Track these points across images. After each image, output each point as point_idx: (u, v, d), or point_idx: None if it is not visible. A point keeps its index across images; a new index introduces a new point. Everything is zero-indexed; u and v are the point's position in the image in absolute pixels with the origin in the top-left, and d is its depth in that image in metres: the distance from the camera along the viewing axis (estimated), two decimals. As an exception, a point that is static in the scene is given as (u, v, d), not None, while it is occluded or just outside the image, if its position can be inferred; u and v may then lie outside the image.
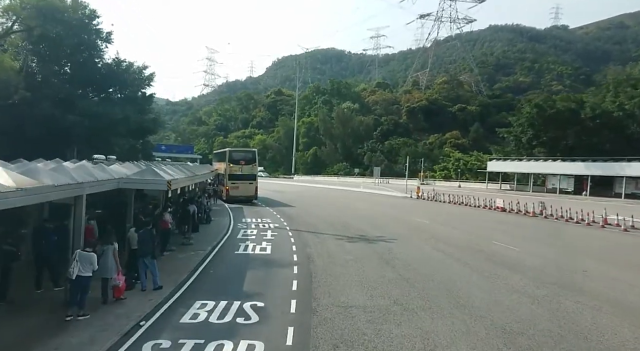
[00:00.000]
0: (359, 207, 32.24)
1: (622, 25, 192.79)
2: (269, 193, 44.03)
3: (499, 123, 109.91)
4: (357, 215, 26.45)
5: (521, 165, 53.45)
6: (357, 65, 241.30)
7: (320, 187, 61.34)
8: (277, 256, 14.38)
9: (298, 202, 34.95)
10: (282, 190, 50.07)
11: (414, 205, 35.15)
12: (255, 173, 33.17)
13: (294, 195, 42.91)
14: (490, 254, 15.49)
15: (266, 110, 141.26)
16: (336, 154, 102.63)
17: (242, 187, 32.51)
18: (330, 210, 29.81)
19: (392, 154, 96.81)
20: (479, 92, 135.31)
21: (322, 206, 32.48)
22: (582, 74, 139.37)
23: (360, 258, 14.25)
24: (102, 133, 27.22)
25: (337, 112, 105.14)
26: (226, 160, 32.78)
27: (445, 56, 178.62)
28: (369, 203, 35.44)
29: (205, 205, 22.03)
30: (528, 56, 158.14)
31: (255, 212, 27.44)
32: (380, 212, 28.92)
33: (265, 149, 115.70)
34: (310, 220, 24.05)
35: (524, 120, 55.61)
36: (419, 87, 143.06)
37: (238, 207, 30.07)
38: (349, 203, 34.90)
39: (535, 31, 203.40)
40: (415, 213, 28.53)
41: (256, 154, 33.83)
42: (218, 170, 35.99)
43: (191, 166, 32.75)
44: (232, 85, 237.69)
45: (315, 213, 27.27)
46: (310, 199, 38.73)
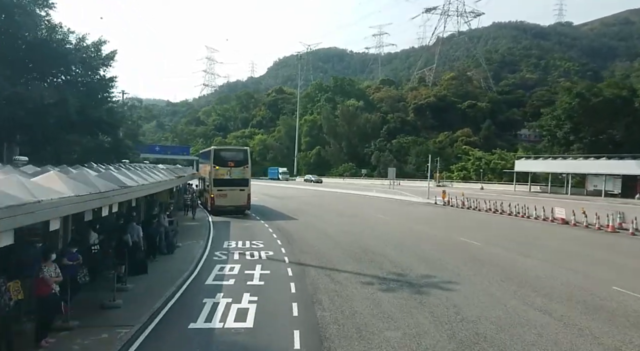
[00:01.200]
0: (379, 219, 25.64)
1: (627, 21, 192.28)
2: (265, 199, 37.59)
3: (510, 120, 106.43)
4: (381, 234, 19.87)
5: (555, 164, 46.56)
6: (359, 65, 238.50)
7: (325, 190, 54.77)
8: (264, 336, 7.83)
9: (300, 212, 28.47)
10: (281, 196, 43.51)
11: (446, 215, 28.48)
12: (247, 178, 26.66)
13: (295, 202, 36.40)
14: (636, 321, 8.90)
15: (267, 109, 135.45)
16: (341, 154, 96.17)
17: (231, 195, 26.04)
18: (343, 224, 23.26)
19: (402, 153, 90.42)
20: (488, 88, 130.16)
21: (330, 218, 25.94)
22: (589, 70, 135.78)
23: (415, 337, 7.72)
24: (50, 128, 20.82)
25: (342, 109, 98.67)
26: (211, 161, 26.32)
27: (451, 52, 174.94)
28: (390, 213, 28.79)
29: (170, 226, 15.50)
30: (534, 53, 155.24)
31: (244, 229, 20.95)
32: (409, 228, 22.25)
33: (266, 149, 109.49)
34: (318, 242, 17.51)
35: (560, 112, 48.64)
36: (425, 83, 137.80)
37: (224, 221, 23.59)
38: (364, 214, 28.33)
39: (540, 28, 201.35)
40: (455, 228, 21.90)
41: (249, 154, 27.29)
42: (202, 174, 29.56)
43: (173, 169, 26.35)
44: (233, 85, 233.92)
45: (324, 230, 20.73)
46: (315, 207, 32.21)
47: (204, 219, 23.91)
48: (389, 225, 22.81)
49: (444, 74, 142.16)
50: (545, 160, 48.06)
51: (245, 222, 23.47)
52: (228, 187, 26.02)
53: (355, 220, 24.72)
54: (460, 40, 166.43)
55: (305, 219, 24.93)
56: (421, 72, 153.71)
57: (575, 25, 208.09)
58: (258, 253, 15.02)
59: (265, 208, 30.93)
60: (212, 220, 24.23)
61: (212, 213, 26.40)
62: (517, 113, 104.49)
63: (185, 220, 22.81)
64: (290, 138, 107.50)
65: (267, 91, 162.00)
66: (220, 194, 25.92)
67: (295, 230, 20.74)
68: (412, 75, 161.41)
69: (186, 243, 16.27)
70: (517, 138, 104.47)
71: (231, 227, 21.54)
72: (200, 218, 24.14)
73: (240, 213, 26.57)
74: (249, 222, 23.84)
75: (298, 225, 22.40)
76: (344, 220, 24.74)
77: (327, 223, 23.27)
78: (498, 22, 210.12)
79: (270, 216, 26.50)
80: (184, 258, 13.87)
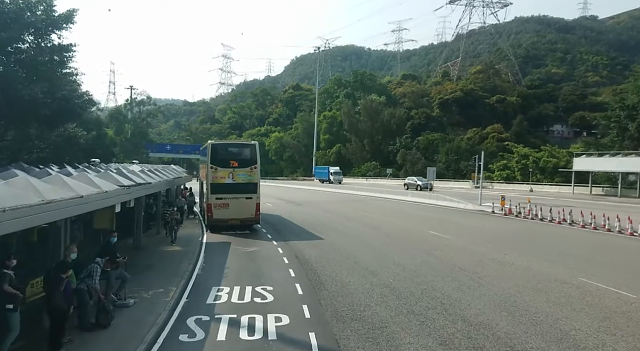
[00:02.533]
0: (435, 240, 18.78)
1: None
2: (279, 205, 31.23)
3: (542, 115, 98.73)
4: (454, 272, 13.07)
5: (628, 162, 38.54)
6: (377, 62, 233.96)
7: (348, 193, 48.07)
8: None
9: (324, 226, 21.85)
10: (298, 200, 36.96)
11: (526, 232, 21.18)
12: (256, 182, 20.13)
13: (315, 210, 29.85)
14: None
15: (283, 106, 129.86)
16: (363, 152, 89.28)
17: (235, 205, 19.61)
18: (389, 247, 16.54)
19: (429, 151, 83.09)
20: (516, 82, 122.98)
21: (367, 236, 19.26)
22: (618, 64, 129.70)
23: None
24: None
25: (364, 103, 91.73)
26: (207, 160, 19.92)
27: (471, 48, 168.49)
28: (444, 228, 21.74)
29: (105, 279, 8.95)
30: (559, 47, 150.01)
31: (248, 259, 14.45)
32: (492, 259, 15.11)
33: (283, 148, 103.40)
34: (364, 292, 10.81)
35: (637, 100, 40.33)
36: (449, 78, 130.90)
37: (222, 242, 17.20)
38: (408, 229, 21.51)
39: (564, 22, 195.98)
40: (567, 259, 14.85)
41: (257, 150, 20.68)
42: (202, 177, 23.31)
43: (158, 169, 20.20)
44: (250, 84, 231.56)
45: (364, 263, 14.04)
46: (342, 218, 25.54)
47: (194, 240, 17.42)
48: (457, 250, 15.95)
49: (470, 67, 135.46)
50: (612, 157, 40.09)
51: (251, 245, 16.94)
52: (230, 195, 19.59)
53: (404, 242, 17.92)
54: (482, 34, 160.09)
55: (333, 238, 18.29)
56: (445, 66, 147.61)
57: (600, 19, 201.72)
58: (263, 321, 8.46)
59: (279, 220, 24.44)
60: (206, 239, 17.86)
61: (209, 229, 20.09)
62: (548, 108, 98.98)
63: (161, 244, 16.39)
64: (308, 136, 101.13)
65: (283, 88, 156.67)
66: (219, 204, 19.52)
67: (323, 260, 14.12)
68: (432, 71, 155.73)
69: (145, 296, 9.82)
70: (549, 134, 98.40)
71: (229, 254, 15.07)
72: (187, 238, 17.61)
73: (246, 228, 20.20)
74: (256, 243, 17.32)
75: (325, 250, 15.77)
76: (388, 241, 17.99)
77: (366, 247, 16.57)
78: (520, 17, 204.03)
79: (285, 232, 19.98)
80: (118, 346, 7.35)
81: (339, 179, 69.93)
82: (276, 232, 19.99)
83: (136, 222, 14.96)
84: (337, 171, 73.55)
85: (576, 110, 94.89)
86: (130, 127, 77.27)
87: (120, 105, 79.05)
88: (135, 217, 14.95)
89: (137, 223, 15.01)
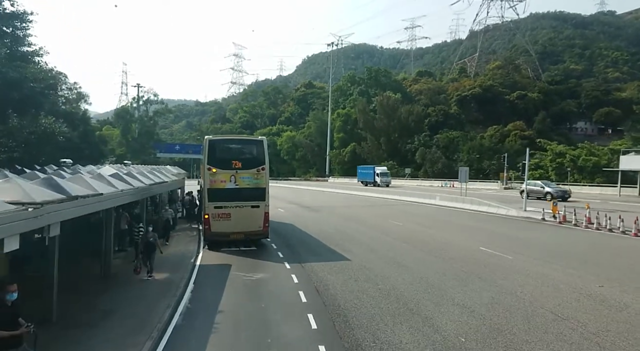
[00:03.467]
0: (499, 264, 14.77)
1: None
2: (293, 211, 27.50)
3: (564, 112, 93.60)
4: (561, 328, 9.04)
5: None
6: (390, 60, 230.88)
7: (366, 195, 44.12)
8: None
9: (348, 239, 17.94)
10: (313, 205, 33.10)
11: (603, 249, 17.12)
12: (264, 187, 16.26)
13: (333, 217, 25.97)
14: None
15: (295, 104, 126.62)
16: (379, 151, 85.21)
17: (238, 215, 15.82)
18: (442, 280, 12.52)
19: (450, 150, 78.70)
20: (536, 78, 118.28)
21: (404, 256, 15.29)
22: (639, 59, 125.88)
23: None
24: None
25: (380, 100, 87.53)
26: (204, 160, 16.17)
27: (489, 42, 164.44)
28: (502, 244, 17.72)
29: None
30: (577, 43, 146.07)
31: (251, 294, 10.53)
32: (591, 295, 11.23)
33: (295, 147, 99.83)
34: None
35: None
36: (467, 74, 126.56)
37: (220, 265, 13.43)
38: (458, 246, 17.43)
39: (581, 18, 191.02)
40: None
41: (265, 147, 16.75)
42: (200, 181, 19.62)
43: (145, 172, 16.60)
44: (261, 84, 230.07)
45: (413, 305, 10.11)
46: (367, 227, 21.62)
47: (185, 261, 13.61)
48: (528, 278, 11.91)
49: (488, 63, 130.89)
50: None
51: (256, 268, 13.12)
52: (232, 203, 15.81)
53: (454, 265, 13.92)
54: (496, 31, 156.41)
55: (362, 259, 14.38)
56: (461, 63, 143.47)
57: (618, 14, 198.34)
58: None
59: (292, 230, 20.62)
60: (200, 260, 14.13)
61: (207, 245, 16.37)
62: (571, 105, 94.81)
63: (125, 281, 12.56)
64: (321, 135, 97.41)
65: (295, 86, 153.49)
66: (219, 214, 15.74)
67: (354, 298, 10.22)
68: (445, 69, 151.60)
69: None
70: (572, 131, 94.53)
71: (227, 286, 11.24)
72: (177, 259, 13.79)
73: (252, 243, 16.44)
74: (263, 266, 13.49)
75: (354, 279, 11.88)
76: (433, 264, 14.01)
77: (407, 273, 12.61)
78: (536, 13, 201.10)
79: (300, 249, 16.13)
80: None
81: (387, 181, 59.80)
82: (289, 249, 16.16)
83: (104, 242, 11.27)
84: (385, 172, 62.78)
85: (600, 106, 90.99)
86: (137, 126, 74.54)
87: (127, 104, 76.50)
88: (104, 235, 11.27)
89: (106, 243, 11.32)
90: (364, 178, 65.09)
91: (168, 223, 15.19)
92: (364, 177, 65.34)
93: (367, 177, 63.85)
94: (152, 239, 11.21)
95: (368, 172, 64.67)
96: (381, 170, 62.48)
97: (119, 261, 12.91)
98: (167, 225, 15.17)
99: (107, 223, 11.17)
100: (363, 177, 65.90)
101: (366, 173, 65.14)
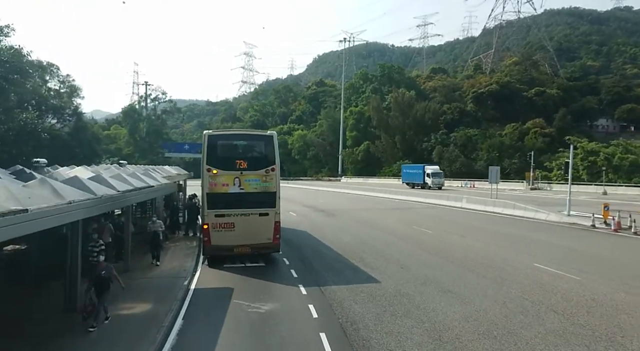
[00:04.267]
0: (569, 289, 11.92)
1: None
2: (307, 216, 24.93)
3: (585, 109, 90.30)
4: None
5: None
6: (401, 59, 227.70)
7: (381, 197, 41.30)
8: None
9: (374, 252, 15.24)
10: (329, 209, 30.39)
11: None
12: (274, 191, 13.58)
13: (353, 223, 23.23)
14: None
15: (307, 103, 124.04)
16: (394, 149, 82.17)
17: (243, 225, 13.19)
18: (506, 317, 9.71)
19: (468, 149, 75.47)
20: (554, 74, 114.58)
21: (451, 279, 12.49)
22: None
23: None
24: None
25: (395, 96, 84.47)
26: (203, 159, 13.59)
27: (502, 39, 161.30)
28: (559, 259, 14.76)
29: None
30: (594, 39, 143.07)
31: (255, 340, 7.94)
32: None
33: (306, 146, 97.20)
34: None
35: None
36: (482, 71, 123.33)
37: (219, 290, 10.80)
38: (507, 262, 14.59)
39: (597, 13, 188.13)
40: None
41: (275, 144, 14.00)
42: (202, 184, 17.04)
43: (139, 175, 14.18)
44: (272, 83, 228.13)
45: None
46: (396, 239, 18.87)
47: (176, 284, 11.02)
48: (628, 317, 9.13)
49: (505, 59, 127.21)
50: None
51: (264, 295, 10.43)
52: (236, 211, 13.21)
53: (511, 294, 11.12)
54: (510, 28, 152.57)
55: (395, 280, 11.66)
56: (476, 59, 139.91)
57: (635, 9, 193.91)
58: None
59: (307, 240, 17.97)
60: (195, 283, 11.55)
61: (206, 260, 13.82)
62: (592, 102, 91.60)
63: (118, 299, 9.95)
64: (333, 133, 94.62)
65: (307, 84, 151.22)
66: (220, 224, 13.15)
67: (395, 346, 7.54)
68: (458, 66, 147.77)
69: None
70: (593, 129, 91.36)
71: (226, 323, 8.62)
72: (167, 281, 11.24)
73: (259, 257, 13.86)
74: (273, 291, 10.84)
75: (390, 312, 9.17)
76: (484, 288, 11.22)
77: (459, 303, 9.87)
78: (550, 9, 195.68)
79: (318, 265, 13.44)
80: None
81: (439, 183, 51.00)
82: (304, 264, 13.54)
83: (68, 266, 8.74)
84: (437, 171, 52.99)
85: (622, 103, 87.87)
86: (144, 125, 72.75)
87: (134, 102, 74.85)
88: (69, 256, 8.75)
89: (71, 268, 8.79)
90: (411, 179, 55.96)
91: (157, 238, 12.57)
92: (411, 177, 56.10)
93: (415, 178, 54.80)
94: (105, 273, 8.33)
95: (416, 172, 55.36)
96: (433, 170, 53.09)
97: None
98: (156, 240, 12.58)
99: (73, 242, 8.65)
100: (409, 177, 56.74)
101: (413, 174, 55.77)
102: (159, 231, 13.23)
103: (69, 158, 19.98)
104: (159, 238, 13.03)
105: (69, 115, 23.42)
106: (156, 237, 12.84)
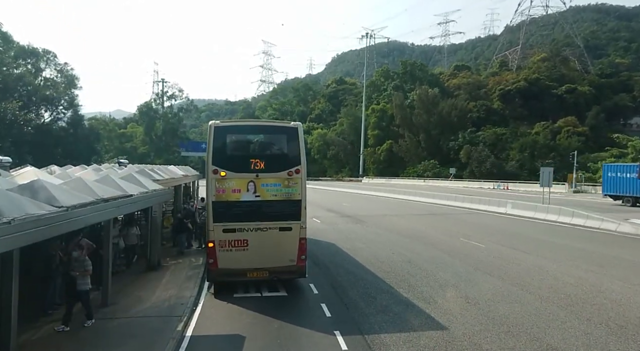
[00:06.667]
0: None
1: None
2: (332, 223, 21.83)
3: (618, 106, 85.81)
4: None
5: None
6: (421, 57, 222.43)
7: (408, 200, 37.89)
8: None
9: (423, 276, 12.06)
10: (357, 214, 27.14)
11: None
12: (299, 199, 10.51)
13: (387, 233, 19.98)
14: None
15: (326, 101, 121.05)
16: (418, 149, 78.48)
17: (259, 242, 10.15)
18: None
19: (497, 148, 71.36)
20: (584, 70, 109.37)
21: (547, 333, 9.20)
22: None
23: None
24: None
25: (419, 93, 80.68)
26: (208, 158, 10.62)
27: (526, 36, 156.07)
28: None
29: None
30: (622, 36, 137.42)
31: None
32: None
33: (326, 145, 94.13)
34: None
35: None
36: (508, 67, 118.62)
37: (226, 338, 7.73)
38: (604, 294, 11.20)
39: (625, 9, 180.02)
40: None
41: (301, 137, 10.86)
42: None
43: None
44: (291, 82, 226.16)
45: None
46: (444, 255, 15.61)
47: (167, 327, 8.03)
48: None
49: (533, 55, 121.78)
50: None
51: (289, 350, 7.45)
52: (251, 224, 10.16)
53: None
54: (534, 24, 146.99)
55: (465, 324, 8.49)
56: (502, 56, 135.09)
57: None
58: None
59: (336, 256, 14.85)
60: (194, 325, 8.54)
61: (211, 288, 10.85)
62: (625, 99, 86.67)
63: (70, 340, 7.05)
64: (354, 132, 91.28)
65: (326, 82, 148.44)
66: (230, 242, 10.13)
67: None
68: (480, 65, 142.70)
69: None
70: (627, 128, 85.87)
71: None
72: (155, 322, 8.29)
73: (280, 285, 10.82)
74: (300, 343, 7.79)
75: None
76: (612, 346, 7.93)
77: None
78: (576, 6, 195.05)
79: (356, 296, 10.31)
80: None
81: None
82: (338, 295, 10.44)
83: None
84: None
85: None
86: (161, 123, 70.93)
87: (151, 100, 73.12)
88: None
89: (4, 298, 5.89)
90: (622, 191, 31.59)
91: (131, 253, 9.47)
92: (621, 187, 31.54)
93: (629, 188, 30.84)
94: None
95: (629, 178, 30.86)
96: None
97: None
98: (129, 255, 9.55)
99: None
100: (619, 187, 31.79)
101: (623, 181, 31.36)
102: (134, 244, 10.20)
103: (65, 156, 17.43)
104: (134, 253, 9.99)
105: (64, 107, 20.99)
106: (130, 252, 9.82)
